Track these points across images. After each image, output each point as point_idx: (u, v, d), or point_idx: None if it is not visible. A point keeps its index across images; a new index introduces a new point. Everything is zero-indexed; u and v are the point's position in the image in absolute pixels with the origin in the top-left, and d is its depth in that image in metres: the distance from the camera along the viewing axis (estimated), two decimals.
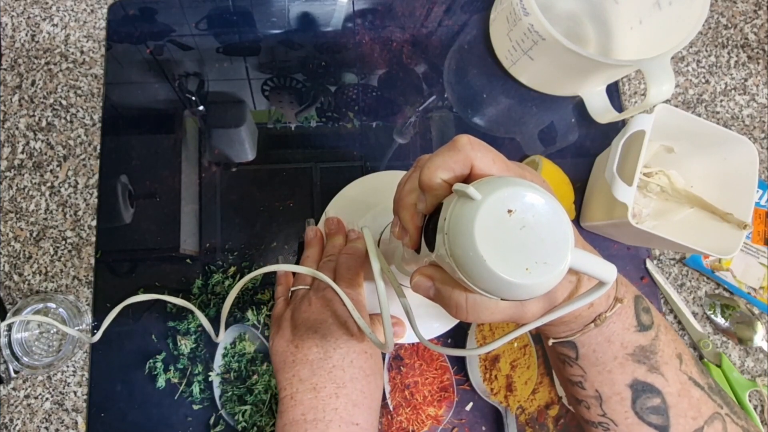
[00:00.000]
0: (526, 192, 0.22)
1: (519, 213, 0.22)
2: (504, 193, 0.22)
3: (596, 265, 0.24)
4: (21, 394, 0.53)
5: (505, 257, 0.21)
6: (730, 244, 0.49)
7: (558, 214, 0.22)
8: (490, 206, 0.22)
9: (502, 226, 0.22)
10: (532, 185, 0.22)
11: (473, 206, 0.22)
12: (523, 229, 0.22)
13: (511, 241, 0.22)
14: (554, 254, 0.22)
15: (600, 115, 0.59)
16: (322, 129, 0.61)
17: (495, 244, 0.22)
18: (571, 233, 0.22)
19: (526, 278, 0.21)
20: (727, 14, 0.67)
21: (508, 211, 0.22)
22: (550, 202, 0.22)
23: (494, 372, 0.54)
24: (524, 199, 0.22)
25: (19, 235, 0.56)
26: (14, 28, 0.62)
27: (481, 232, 0.22)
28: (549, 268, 0.22)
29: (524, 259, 0.22)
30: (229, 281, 0.56)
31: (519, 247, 0.22)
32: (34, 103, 0.59)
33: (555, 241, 0.22)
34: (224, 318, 0.42)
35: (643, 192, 0.58)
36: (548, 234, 0.22)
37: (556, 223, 0.22)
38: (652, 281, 0.58)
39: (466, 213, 0.22)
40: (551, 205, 0.22)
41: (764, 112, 0.64)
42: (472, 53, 0.63)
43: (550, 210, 0.22)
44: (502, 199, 0.22)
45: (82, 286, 0.55)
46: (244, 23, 0.63)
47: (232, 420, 0.52)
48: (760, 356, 0.57)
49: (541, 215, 0.22)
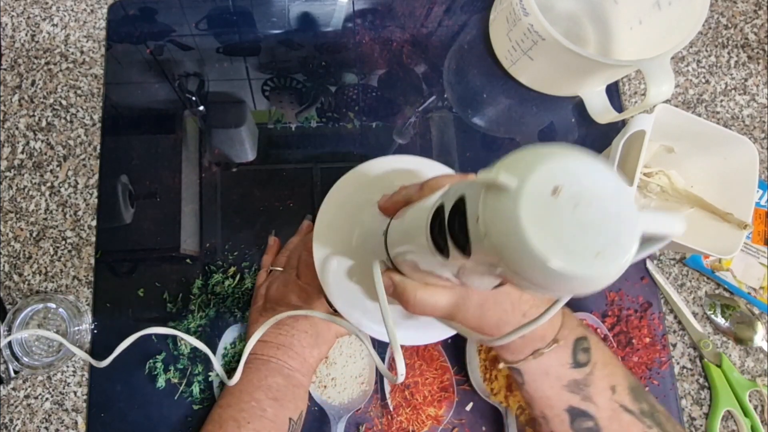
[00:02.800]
0: (568, 160, 0.18)
1: (567, 189, 0.17)
2: (543, 168, 0.18)
3: (666, 222, 0.20)
4: (21, 394, 0.53)
5: (568, 249, 0.17)
6: (730, 244, 0.49)
7: (612, 178, 0.18)
8: (532, 191, 0.17)
9: (552, 211, 0.17)
10: (568, 149, 0.18)
11: (511, 197, 0.18)
12: (577, 207, 0.17)
13: (568, 227, 0.17)
14: (624, 231, 0.18)
15: (600, 115, 0.59)
16: (322, 129, 0.61)
17: (552, 237, 0.17)
18: (632, 197, 0.18)
19: (597, 267, 0.17)
20: (727, 14, 0.67)
21: (555, 190, 0.17)
22: (598, 166, 0.18)
23: (494, 372, 0.54)
24: (569, 170, 0.18)
25: (19, 235, 0.56)
26: (14, 28, 0.62)
27: (530, 228, 0.17)
28: (622, 248, 0.18)
29: (590, 244, 0.17)
30: (229, 281, 0.56)
31: (579, 231, 0.17)
32: (34, 103, 0.59)
33: (619, 214, 0.18)
34: (243, 361, 0.46)
35: (644, 192, 0.58)
36: (610, 206, 0.18)
37: (613, 190, 0.18)
38: (652, 281, 0.58)
39: (504, 208, 0.18)
40: (600, 168, 0.18)
41: (764, 112, 0.64)
42: (472, 53, 0.63)
43: (602, 175, 0.18)
44: (543, 177, 0.18)
45: (82, 286, 0.55)
46: (244, 23, 0.63)
47: None
48: (760, 356, 0.57)
49: (594, 185, 0.18)
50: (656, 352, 0.56)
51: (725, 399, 0.54)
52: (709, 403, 0.55)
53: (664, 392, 0.55)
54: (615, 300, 0.57)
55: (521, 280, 0.19)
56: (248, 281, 0.56)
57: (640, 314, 0.57)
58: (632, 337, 0.56)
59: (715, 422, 0.54)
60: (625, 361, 0.55)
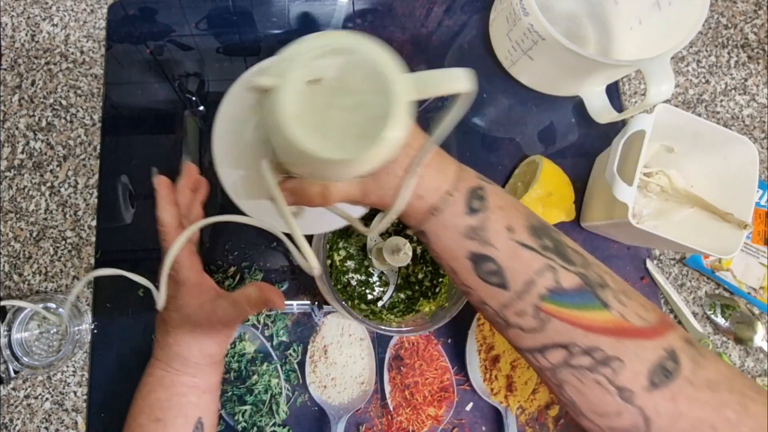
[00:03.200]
0: (327, 51, 0.18)
1: (326, 80, 0.18)
2: (301, 63, 0.18)
3: (444, 79, 0.21)
4: (21, 394, 0.53)
5: (330, 137, 0.18)
6: (730, 244, 0.49)
7: (375, 64, 0.18)
8: (290, 88, 0.18)
9: (312, 104, 0.18)
10: (332, 37, 0.19)
11: (272, 97, 0.19)
12: (336, 95, 0.18)
13: (329, 116, 0.18)
14: (377, 119, 0.19)
15: (600, 115, 0.59)
16: None
17: (314, 128, 0.18)
18: (396, 82, 0.19)
19: (364, 147, 0.19)
20: (727, 14, 0.67)
21: (313, 81, 0.18)
22: (363, 51, 0.18)
23: (494, 372, 0.54)
24: (326, 62, 0.18)
25: (19, 235, 0.56)
26: (14, 28, 0.62)
27: (291, 122, 0.18)
28: (387, 123, 0.19)
29: (353, 128, 0.19)
30: (230, 281, 0.56)
31: (340, 118, 0.19)
32: (34, 103, 0.59)
33: (383, 92, 0.18)
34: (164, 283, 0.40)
35: (644, 192, 0.58)
36: (371, 87, 0.18)
37: (377, 69, 0.18)
38: (652, 281, 0.58)
39: (268, 108, 0.19)
40: (364, 53, 0.18)
41: (764, 112, 0.64)
42: (471, 53, 0.63)
43: (364, 56, 0.18)
44: (301, 73, 0.18)
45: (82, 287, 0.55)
46: (244, 23, 0.63)
47: (232, 420, 0.52)
48: (760, 356, 0.57)
49: (354, 69, 0.18)
50: None
51: None
52: None
53: None
54: None
55: (304, 172, 0.20)
56: (248, 281, 0.56)
57: None
58: None
59: None
60: None
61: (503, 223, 0.31)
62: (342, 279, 0.55)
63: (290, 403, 0.53)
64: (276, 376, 0.53)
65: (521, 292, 0.30)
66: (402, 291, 0.56)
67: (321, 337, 0.55)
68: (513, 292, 0.30)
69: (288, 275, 0.56)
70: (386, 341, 0.55)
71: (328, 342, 0.55)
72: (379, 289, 0.55)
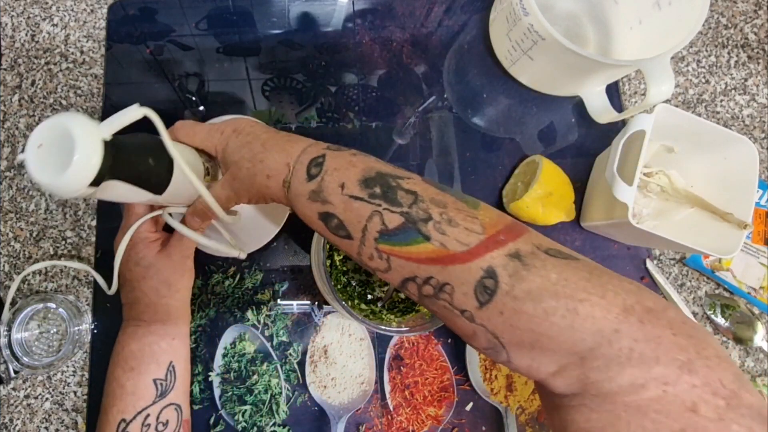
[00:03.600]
0: (44, 128, 0.33)
1: (46, 142, 0.33)
2: (31, 139, 0.33)
3: (121, 118, 0.36)
4: (21, 394, 0.53)
5: (50, 173, 0.32)
6: (730, 244, 0.49)
7: (71, 125, 0.32)
8: (31, 153, 0.33)
9: (43, 156, 0.32)
10: (54, 120, 0.33)
11: (26, 162, 0.33)
12: (49, 148, 0.32)
13: (51, 160, 0.32)
14: (77, 148, 0.32)
15: (600, 115, 0.59)
16: (322, 129, 0.61)
17: (46, 170, 0.32)
18: (92, 127, 0.33)
19: (69, 173, 0.32)
20: (727, 14, 0.67)
21: (39, 146, 0.33)
22: (62, 122, 0.32)
23: (494, 372, 0.54)
24: (43, 133, 0.33)
25: (19, 235, 0.56)
26: (14, 28, 0.62)
27: (35, 170, 0.32)
28: (77, 156, 0.32)
29: (60, 164, 0.32)
30: (230, 281, 0.56)
31: (52, 159, 0.32)
32: (34, 103, 0.59)
33: (74, 140, 0.32)
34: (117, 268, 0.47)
35: (644, 192, 0.58)
36: (67, 140, 0.32)
37: (69, 131, 0.32)
38: (652, 281, 0.58)
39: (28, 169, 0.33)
40: (61, 123, 0.32)
41: (764, 112, 0.64)
42: (471, 53, 0.63)
43: (63, 127, 0.32)
44: (33, 143, 0.33)
45: (82, 286, 0.55)
46: (244, 23, 0.63)
47: (232, 420, 0.52)
48: (760, 356, 0.57)
49: (60, 133, 0.32)
50: None
51: None
52: None
53: None
54: None
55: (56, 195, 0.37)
56: (248, 281, 0.56)
57: None
58: None
59: None
60: None
61: (337, 182, 0.35)
62: (342, 279, 0.55)
63: (290, 403, 0.53)
64: (276, 376, 0.53)
65: (362, 239, 0.34)
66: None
67: (321, 337, 0.55)
68: (357, 240, 0.34)
69: (288, 275, 0.56)
70: (386, 341, 0.55)
71: (328, 342, 0.55)
72: (379, 289, 0.55)
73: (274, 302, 0.55)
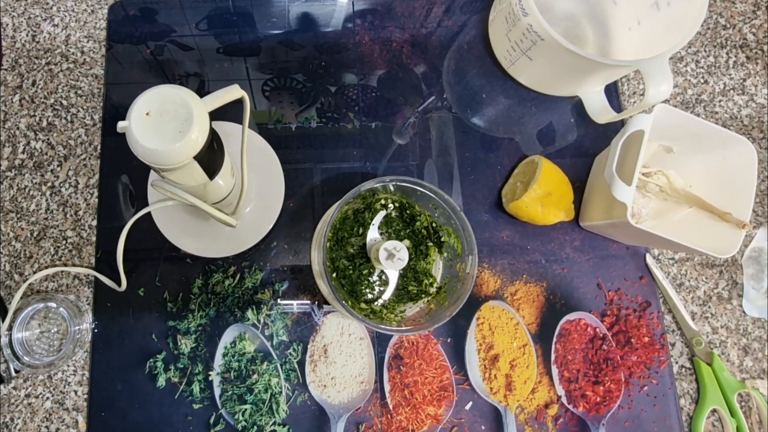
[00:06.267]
0: (152, 94, 0.34)
1: (154, 110, 0.34)
2: (136, 106, 0.34)
3: (222, 96, 0.38)
4: (22, 394, 0.53)
5: (162, 137, 0.34)
6: (729, 244, 0.49)
7: (181, 94, 0.34)
8: (136, 121, 0.34)
9: (149, 123, 0.34)
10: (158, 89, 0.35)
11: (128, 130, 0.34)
12: (161, 115, 0.34)
13: (159, 127, 0.34)
14: (190, 116, 0.34)
15: (599, 116, 0.59)
16: (322, 129, 0.61)
17: (153, 136, 0.34)
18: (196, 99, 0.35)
19: (182, 138, 0.33)
20: (725, 14, 0.67)
21: (147, 113, 0.34)
22: (171, 91, 0.34)
23: (494, 371, 0.55)
24: (152, 99, 0.34)
25: (19, 235, 0.56)
26: (15, 28, 0.62)
27: (140, 137, 0.34)
28: (191, 123, 0.34)
29: (173, 130, 0.34)
30: (230, 281, 0.56)
31: (166, 126, 0.34)
32: (35, 103, 0.60)
33: (186, 109, 0.34)
34: (120, 265, 0.49)
35: (642, 192, 0.58)
36: (179, 108, 0.34)
37: (182, 98, 0.34)
38: (652, 279, 0.58)
39: (129, 137, 0.35)
40: (172, 91, 0.34)
41: (763, 112, 0.64)
42: (471, 53, 0.64)
43: (173, 93, 0.34)
44: (139, 110, 0.34)
45: (83, 286, 0.55)
46: (245, 24, 0.63)
47: (232, 419, 0.53)
48: (759, 356, 0.57)
49: (169, 100, 0.34)
50: (655, 352, 0.56)
51: (713, 397, 0.54)
52: (696, 400, 0.55)
53: (663, 391, 0.55)
54: (614, 299, 0.57)
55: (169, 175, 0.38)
56: (248, 281, 0.56)
57: (639, 314, 0.57)
58: (631, 337, 0.56)
59: (701, 419, 0.54)
60: (624, 360, 0.56)
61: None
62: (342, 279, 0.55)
63: (290, 402, 0.54)
64: (276, 375, 0.54)
65: None
66: (402, 289, 0.57)
67: (321, 337, 0.55)
68: None
69: (288, 275, 0.57)
70: (386, 340, 0.55)
71: (328, 341, 0.55)
72: (379, 289, 0.55)
73: (274, 302, 0.56)
